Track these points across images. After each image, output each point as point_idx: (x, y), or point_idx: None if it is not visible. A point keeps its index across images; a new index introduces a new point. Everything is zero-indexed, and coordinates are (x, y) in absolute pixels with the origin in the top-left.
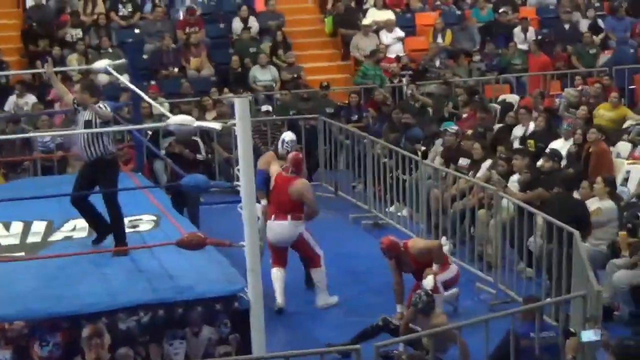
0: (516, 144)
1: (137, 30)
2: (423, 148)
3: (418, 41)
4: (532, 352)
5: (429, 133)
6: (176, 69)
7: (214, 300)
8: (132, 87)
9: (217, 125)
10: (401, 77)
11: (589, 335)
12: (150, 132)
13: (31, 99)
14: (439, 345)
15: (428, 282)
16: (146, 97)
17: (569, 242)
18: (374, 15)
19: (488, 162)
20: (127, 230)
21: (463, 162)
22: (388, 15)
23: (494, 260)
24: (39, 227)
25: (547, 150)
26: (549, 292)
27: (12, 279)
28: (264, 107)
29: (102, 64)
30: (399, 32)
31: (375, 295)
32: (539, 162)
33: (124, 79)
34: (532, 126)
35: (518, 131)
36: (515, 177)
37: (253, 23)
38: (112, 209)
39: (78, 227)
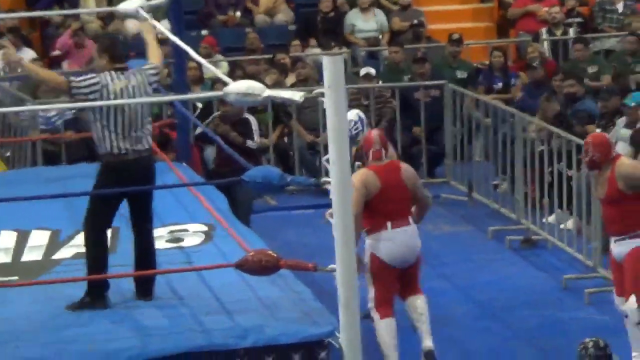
0: None
1: None
2: (598, 130)
3: None
4: None
5: (606, 109)
6: (238, 13)
7: (290, 347)
8: (175, 38)
9: (296, 96)
10: (567, 27)
11: None
12: (200, 105)
13: (28, 54)
14: None
15: (630, 305)
16: (194, 54)
17: None
18: None
19: None
20: (166, 245)
21: None
22: None
23: None
24: (39, 239)
25: None
26: None
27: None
28: (364, 70)
29: (131, 4)
30: None
31: (528, 344)
32: None
33: (163, 27)
34: None
35: None
36: None
37: None
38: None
39: None
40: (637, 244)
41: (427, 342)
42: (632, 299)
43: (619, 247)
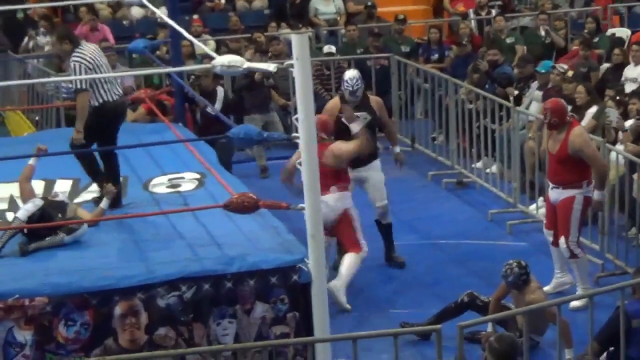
0: (628, 88)
1: None
2: (516, 92)
3: None
4: None
5: (522, 74)
6: (223, 0)
7: (268, 272)
8: (171, 22)
9: (271, 67)
10: (490, 8)
11: None
12: (193, 76)
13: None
14: (535, 326)
15: (561, 244)
16: (187, 35)
17: None
18: None
19: (594, 109)
20: (166, 190)
21: None
22: None
23: (600, 226)
24: (63, 186)
25: None
26: None
27: None
28: (327, 47)
29: None
30: None
31: (459, 266)
32: None
33: (161, 13)
34: None
35: (630, 72)
36: (629, 123)
37: None
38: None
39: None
40: (568, 194)
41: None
42: (562, 240)
43: (554, 194)
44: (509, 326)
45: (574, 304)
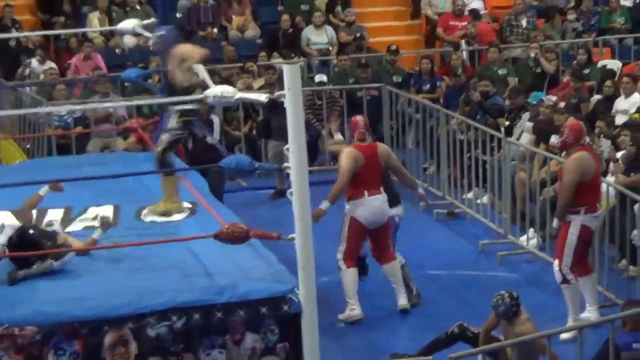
0: (619, 119)
1: None
2: (507, 123)
3: None
4: None
5: (514, 105)
6: (215, 30)
7: (259, 302)
8: None
9: (262, 97)
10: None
11: None
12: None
13: (49, 65)
14: (525, 357)
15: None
16: None
17: None
18: None
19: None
20: (157, 219)
21: (554, 139)
22: None
23: (591, 258)
24: (54, 215)
25: None
26: None
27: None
28: (318, 77)
29: (129, 24)
30: None
31: (450, 297)
32: None
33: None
34: (637, 98)
35: (621, 104)
36: (619, 155)
37: None
38: None
39: (101, 216)
40: (565, 221)
41: (401, 301)
42: (555, 263)
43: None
44: (499, 358)
45: (563, 336)
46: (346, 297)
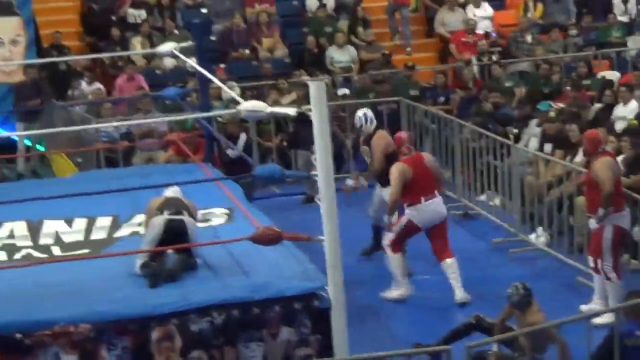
0: (618, 126)
1: (204, 10)
2: (515, 131)
3: (507, 15)
4: (638, 353)
5: (522, 114)
6: (247, 51)
7: (292, 298)
8: (201, 69)
9: (291, 111)
10: (490, 54)
11: None
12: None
13: (96, 85)
14: (536, 345)
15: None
16: (215, 80)
17: None
18: None
19: None
20: (199, 225)
21: (547, 148)
22: None
23: None
24: (103, 222)
25: None
26: None
27: (77, 278)
28: (341, 91)
29: (167, 47)
30: (486, 6)
31: (466, 291)
32: None
33: (192, 62)
34: (634, 105)
35: (620, 111)
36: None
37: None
38: None
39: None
40: (594, 225)
41: (459, 294)
42: (598, 262)
43: (591, 223)
44: (513, 345)
45: (597, 320)
46: (394, 277)
